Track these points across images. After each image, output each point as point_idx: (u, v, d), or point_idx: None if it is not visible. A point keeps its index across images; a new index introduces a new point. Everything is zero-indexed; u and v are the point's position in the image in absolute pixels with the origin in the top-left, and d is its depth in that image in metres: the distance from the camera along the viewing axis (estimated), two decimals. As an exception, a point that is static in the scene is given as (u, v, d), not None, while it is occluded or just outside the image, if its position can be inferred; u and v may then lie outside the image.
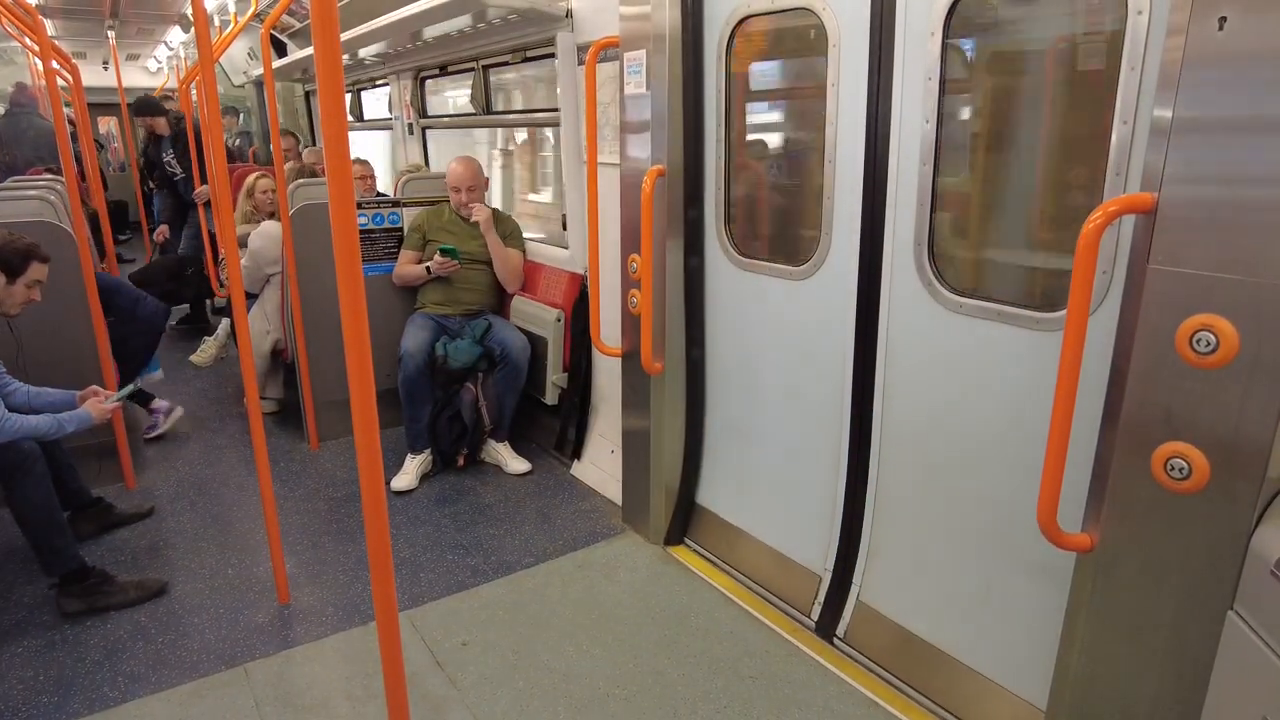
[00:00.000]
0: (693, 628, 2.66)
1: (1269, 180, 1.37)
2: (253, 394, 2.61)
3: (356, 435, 1.44)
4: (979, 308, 2.10)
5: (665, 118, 2.78)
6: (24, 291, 2.83)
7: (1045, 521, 1.70)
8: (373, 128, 6.94)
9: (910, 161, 2.19)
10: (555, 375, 3.87)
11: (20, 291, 2.82)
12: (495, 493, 3.66)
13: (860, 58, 2.27)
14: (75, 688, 2.41)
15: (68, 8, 7.76)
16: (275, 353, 4.47)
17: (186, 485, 3.75)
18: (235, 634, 2.65)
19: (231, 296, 2.56)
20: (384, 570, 1.54)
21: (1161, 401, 1.54)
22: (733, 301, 2.91)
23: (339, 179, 1.31)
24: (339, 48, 1.28)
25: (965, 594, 2.27)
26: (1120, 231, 1.76)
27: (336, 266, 1.33)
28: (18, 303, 2.84)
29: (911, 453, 2.38)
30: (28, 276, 2.81)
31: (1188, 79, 1.44)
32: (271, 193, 4.94)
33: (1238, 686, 1.46)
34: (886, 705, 2.30)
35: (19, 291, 2.82)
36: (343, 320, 1.38)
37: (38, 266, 2.83)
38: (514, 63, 4.31)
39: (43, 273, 2.86)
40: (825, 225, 2.49)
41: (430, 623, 2.69)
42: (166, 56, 9.92)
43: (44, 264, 2.86)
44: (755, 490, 2.97)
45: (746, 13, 2.59)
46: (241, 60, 9.24)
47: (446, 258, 3.81)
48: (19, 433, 2.61)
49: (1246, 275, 1.40)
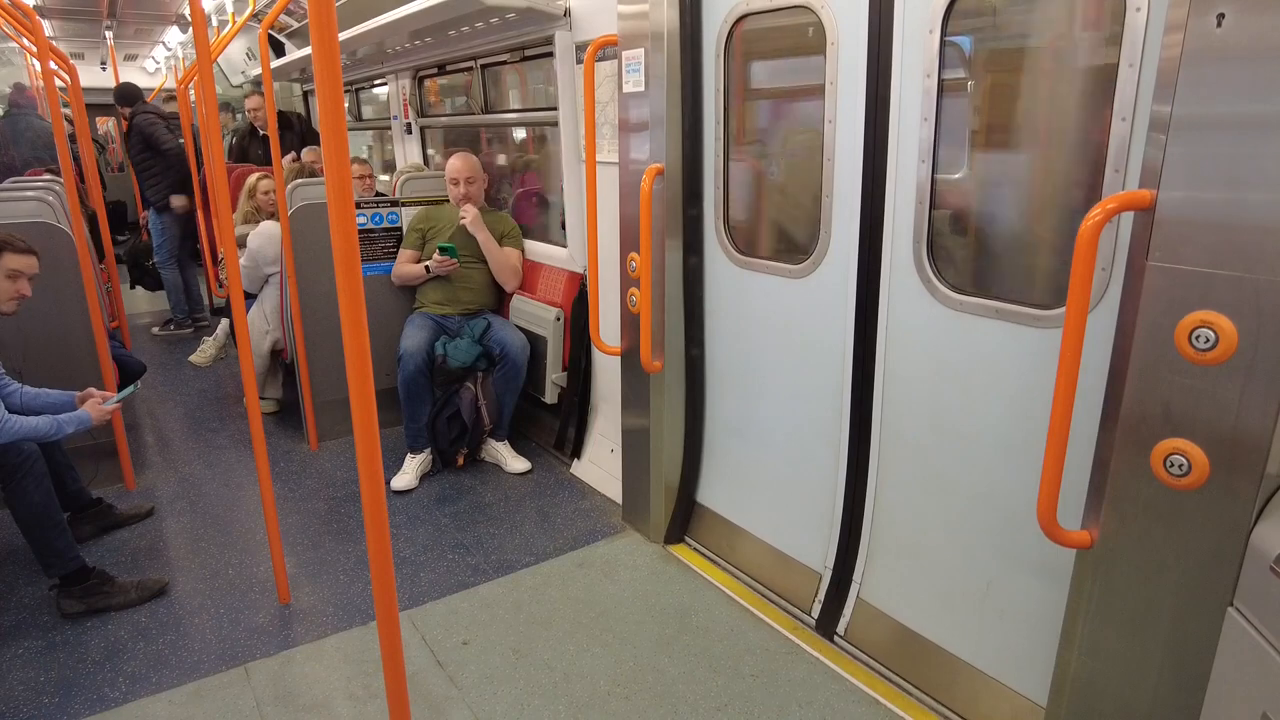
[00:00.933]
0: (693, 626, 2.66)
1: (1267, 177, 1.37)
2: (252, 394, 2.61)
3: (356, 435, 1.44)
4: (978, 305, 2.10)
5: (664, 116, 2.78)
6: (8, 285, 2.79)
7: (1045, 518, 1.70)
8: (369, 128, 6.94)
9: (909, 159, 2.19)
10: (555, 374, 3.87)
11: (4, 286, 2.80)
12: (495, 492, 3.67)
13: (859, 56, 2.27)
14: (76, 689, 2.41)
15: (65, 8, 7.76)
16: (275, 353, 4.48)
17: (186, 486, 3.75)
18: (236, 634, 2.65)
19: (231, 297, 2.56)
20: (384, 570, 1.54)
21: (1161, 398, 1.55)
22: (732, 300, 2.91)
23: (337, 179, 1.31)
24: (337, 47, 1.28)
25: (965, 591, 2.27)
26: (1119, 228, 1.76)
27: (335, 266, 1.33)
28: (6, 298, 2.81)
29: (911, 450, 2.38)
30: (3, 266, 2.77)
31: (1186, 76, 1.44)
32: (271, 193, 4.94)
33: (1238, 682, 1.46)
34: (887, 703, 2.30)
35: (3, 286, 2.79)
36: (342, 320, 1.38)
37: (12, 257, 2.77)
38: (512, 62, 4.31)
39: (23, 263, 2.80)
40: (824, 223, 2.49)
41: (431, 622, 2.69)
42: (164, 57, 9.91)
43: (22, 255, 2.80)
44: (755, 488, 2.98)
45: (745, 10, 2.59)
46: (240, 60, 9.22)
47: (445, 256, 3.81)
48: (18, 434, 2.61)
49: (1245, 272, 1.40)
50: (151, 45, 9.96)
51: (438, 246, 3.83)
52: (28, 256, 2.83)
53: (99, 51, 9.70)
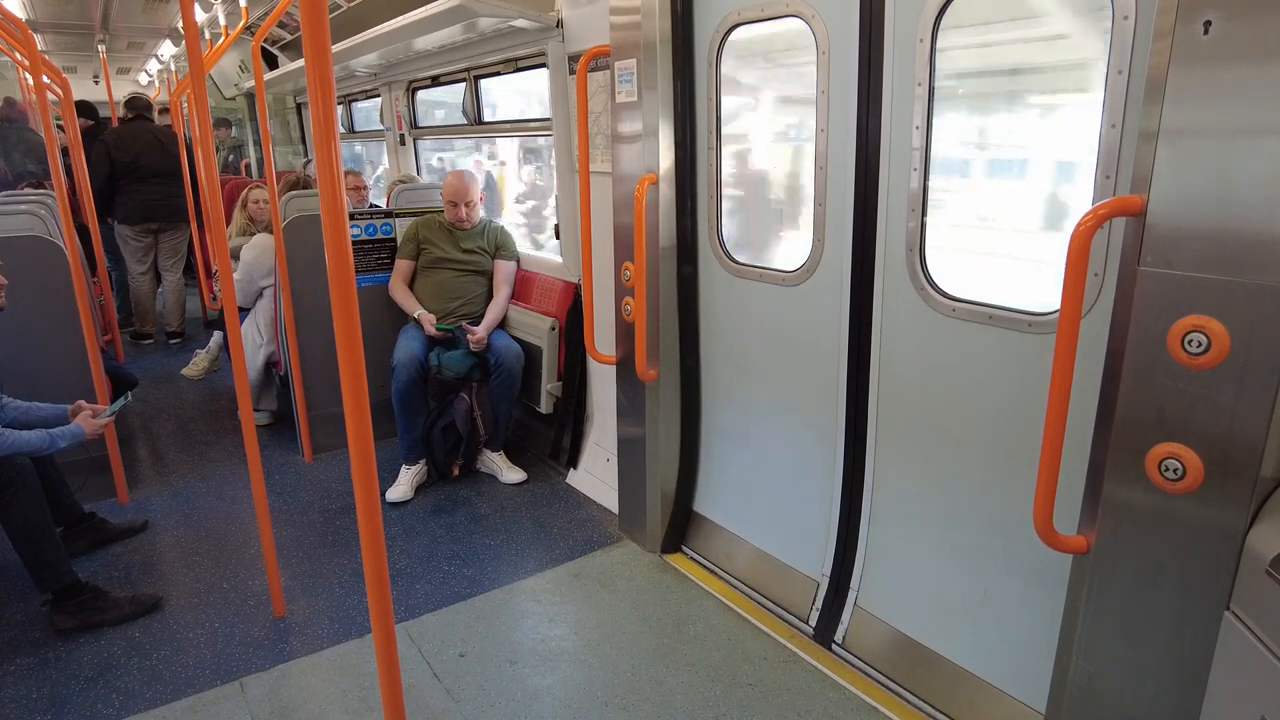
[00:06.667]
0: (691, 635, 2.65)
1: (1256, 181, 1.38)
2: (246, 407, 2.60)
3: (351, 447, 1.44)
4: (971, 311, 2.10)
5: (657, 126, 2.79)
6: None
7: (1041, 524, 1.70)
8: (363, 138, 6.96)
9: (901, 167, 2.20)
10: (550, 384, 3.86)
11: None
12: (491, 503, 3.65)
13: (850, 64, 2.29)
14: (69, 705, 2.39)
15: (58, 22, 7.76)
16: (269, 365, 4.46)
17: (180, 499, 3.73)
18: (230, 648, 2.63)
19: (225, 310, 2.56)
20: (380, 582, 1.53)
21: (1155, 403, 1.55)
22: (726, 308, 2.91)
23: (330, 191, 1.31)
24: (330, 61, 1.28)
25: (963, 597, 2.27)
26: (1110, 234, 1.77)
27: (329, 278, 1.33)
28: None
29: (907, 456, 2.38)
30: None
31: (1174, 82, 1.45)
32: (263, 203, 4.93)
33: (1235, 686, 1.46)
34: (886, 710, 2.30)
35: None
36: (336, 332, 1.38)
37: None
38: (505, 73, 4.33)
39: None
40: (817, 232, 2.50)
41: (427, 634, 2.68)
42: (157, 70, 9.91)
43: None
44: (752, 497, 2.97)
45: (736, 20, 2.61)
46: (233, 73, 9.24)
47: (444, 332, 3.77)
48: (10, 448, 2.59)
49: (1236, 276, 1.41)
50: (144, 58, 9.96)
51: (437, 328, 3.77)
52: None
53: (92, 65, 9.70)
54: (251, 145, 9.61)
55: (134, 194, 6.03)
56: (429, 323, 3.77)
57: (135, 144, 6.01)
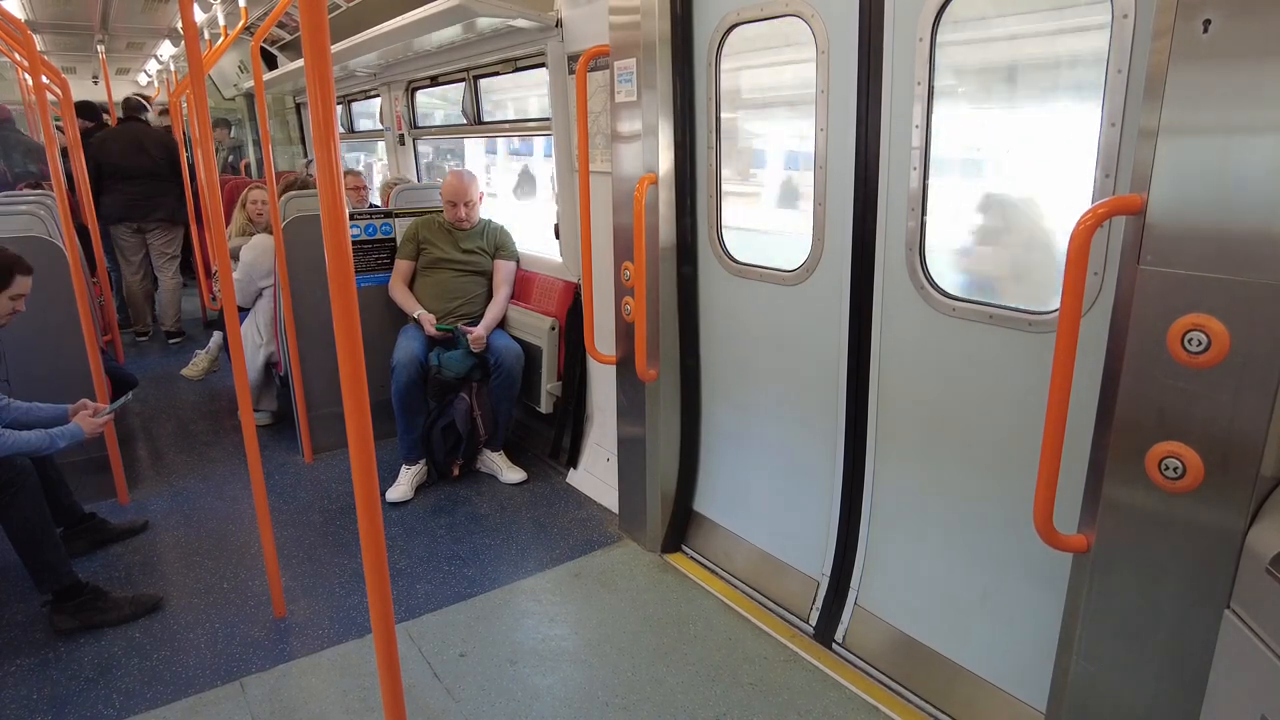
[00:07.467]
0: (691, 635, 2.65)
1: (1256, 179, 1.38)
2: (246, 407, 2.60)
3: (351, 447, 1.44)
4: (971, 311, 2.10)
5: (656, 126, 2.79)
6: (8, 304, 2.81)
7: (1041, 523, 1.70)
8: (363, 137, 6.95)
9: (901, 166, 2.20)
10: (550, 384, 3.86)
11: (4, 304, 2.81)
12: (491, 503, 3.65)
13: (849, 64, 2.29)
14: (70, 706, 2.39)
15: (57, 22, 7.76)
16: (269, 366, 4.46)
17: (180, 499, 3.73)
18: (231, 649, 2.63)
19: (224, 310, 2.56)
20: (380, 582, 1.53)
21: (1154, 401, 1.55)
22: (726, 308, 2.91)
23: (330, 191, 1.31)
24: (329, 61, 1.28)
25: (963, 597, 2.27)
26: (1110, 233, 1.77)
27: (329, 278, 1.33)
28: (2, 314, 2.82)
29: (907, 455, 2.38)
30: (12, 290, 2.79)
31: (1174, 81, 1.45)
32: (261, 204, 4.93)
33: (1236, 685, 1.46)
34: (886, 710, 2.30)
35: (3, 304, 2.80)
36: (336, 332, 1.38)
37: (22, 280, 2.81)
38: (504, 73, 4.33)
39: (26, 285, 2.84)
40: (817, 231, 2.50)
41: (428, 634, 2.68)
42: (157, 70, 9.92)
43: (27, 276, 2.84)
44: (752, 496, 2.97)
45: (735, 20, 2.61)
46: (232, 73, 9.24)
47: (444, 332, 3.77)
48: (10, 448, 2.59)
49: (1236, 274, 1.41)
50: (144, 59, 9.97)
51: (437, 327, 3.78)
52: (30, 277, 2.86)
53: (91, 65, 9.71)
54: (251, 145, 9.61)
55: (116, 194, 6.05)
56: (429, 323, 3.77)
57: (116, 145, 6.03)
